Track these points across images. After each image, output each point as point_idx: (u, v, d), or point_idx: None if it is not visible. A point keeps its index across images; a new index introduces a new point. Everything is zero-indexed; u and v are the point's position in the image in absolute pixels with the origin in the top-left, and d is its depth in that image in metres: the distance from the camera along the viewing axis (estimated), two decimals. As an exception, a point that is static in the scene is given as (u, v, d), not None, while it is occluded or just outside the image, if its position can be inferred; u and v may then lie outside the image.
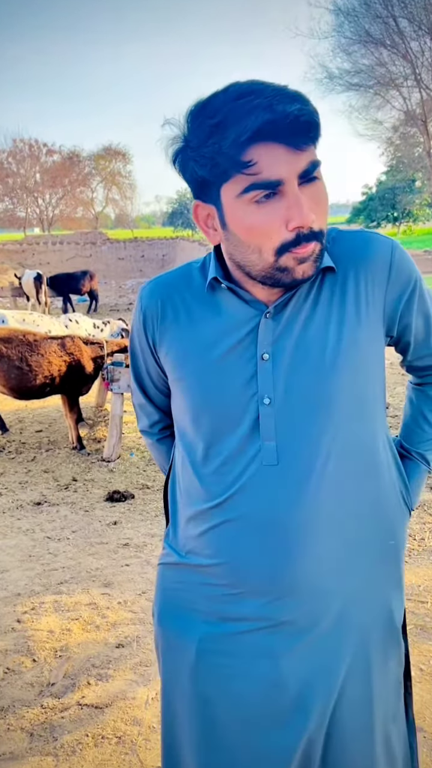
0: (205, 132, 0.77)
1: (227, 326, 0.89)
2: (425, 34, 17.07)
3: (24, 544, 3.32)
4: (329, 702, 0.90)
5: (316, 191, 0.80)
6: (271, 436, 0.86)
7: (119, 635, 2.39)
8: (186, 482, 0.97)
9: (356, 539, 0.90)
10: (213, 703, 0.93)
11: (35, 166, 32.87)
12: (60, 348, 4.69)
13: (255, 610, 0.90)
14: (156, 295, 0.96)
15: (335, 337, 0.86)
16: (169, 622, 0.99)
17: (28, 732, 1.87)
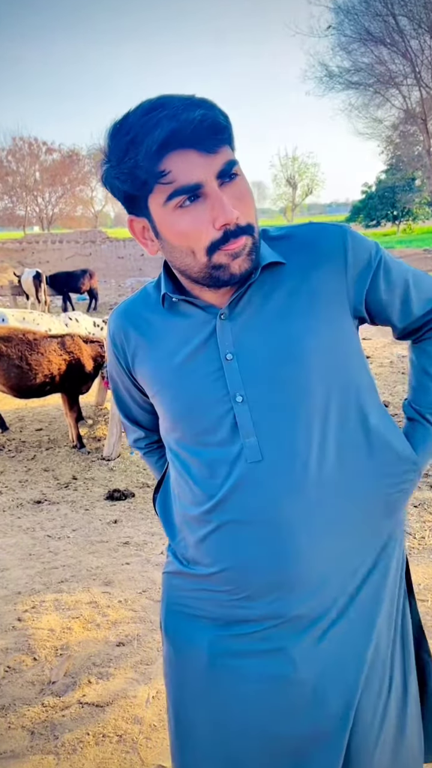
0: (121, 149, 0.80)
1: (186, 334, 0.91)
2: (425, 32, 17.04)
3: (24, 542, 3.32)
4: (350, 694, 0.90)
5: (237, 188, 0.82)
6: (250, 433, 0.87)
7: (120, 634, 2.39)
8: (178, 489, 0.98)
9: (353, 520, 0.91)
10: (229, 706, 0.93)
11: (35, 165, 32.84)
12: (60, 347, 4.69)
13: (261, 610, 0.90)
14: (119, 321, 1.00)
15: (294, 327, 0.87)
16: (177, 630, 0.99)
17: (29, 730, 1.87)
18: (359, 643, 0.92)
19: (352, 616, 0.91)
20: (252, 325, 0.88)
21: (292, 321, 0.87)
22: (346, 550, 0.91)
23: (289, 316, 0.87)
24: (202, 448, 0.91)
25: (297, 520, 0.87)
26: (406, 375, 7.03)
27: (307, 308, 0.88)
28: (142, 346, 0.96)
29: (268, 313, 0.88)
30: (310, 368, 0.87)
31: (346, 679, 0.90)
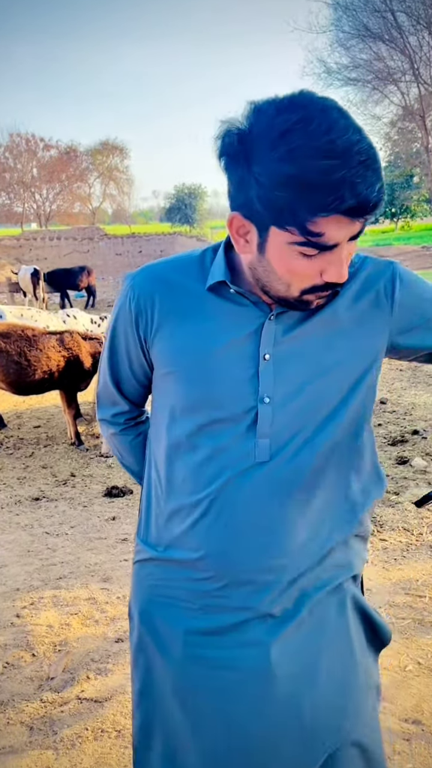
0: (278, 176, 0.74)
1: (230, 324, 0.90)
2: (423, 28, 17.01)
3: (22, 539, 3.32)
4: (320, 707, 0.92)
5: (354, 245, 0.83)
6: (266, 434, 0.89)
7: (118, 630, 2.40)
8: (168, 473, 0.96)
9: (331, 529, 0.94)
10: (202, 695, 0.93)
11: (32, 161, 32.70)
12: (58, 343, 4.68)
13: (239, 601, 0.91)
14: (149, 285, 0.93)
15: (334, 349, 0.90)
16: (152, 618, 0.98)
17: (28, 726, 1.88)
18: (337, 646, 0.94)
19: (319, 617, 0.94)
20: (297, 332, 0.89)
21: (334, 342, 0.90)
22: (322, 552, 0.94)
23: (333, 337, 0.90)
24: (213, 437, 0.90)
25: (286, 523, 0.90)
26: (404, 372, 7.01)
27: (354, 333, 0.90)
28: (171, 320, 0.92)
29: (314, 327, 0.90)
30: (338, 389, 0.90)
31: (320, 683, 0.92)
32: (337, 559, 0.95)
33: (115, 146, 34.18)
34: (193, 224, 24.50)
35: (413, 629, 2.26)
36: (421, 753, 1.71)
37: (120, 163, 34.61)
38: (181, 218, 24.74)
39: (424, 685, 1.98)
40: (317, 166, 0.72)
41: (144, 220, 68.48)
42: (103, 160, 34.28)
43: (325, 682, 0.92)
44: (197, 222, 24.77)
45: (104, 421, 1.11)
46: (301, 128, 0.73)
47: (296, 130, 0.73)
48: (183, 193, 25.25)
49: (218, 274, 0.89)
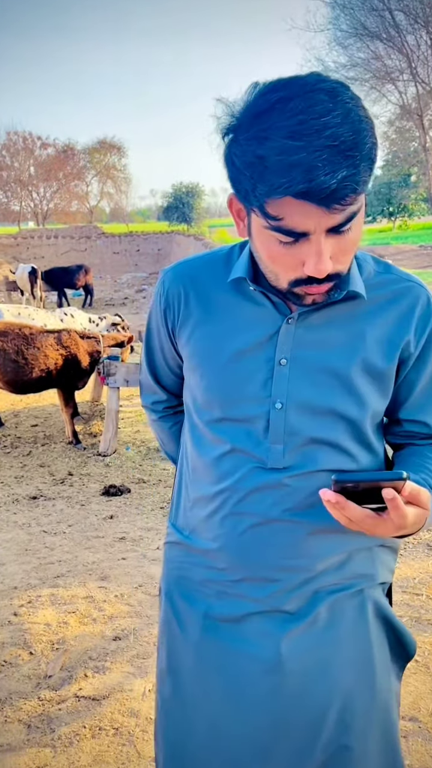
0: (248, 158, 0.72)
1: (249, 325, 0.89)
2: (421, 27, 17.01)
3: (20, 538, 3.32)
4: (331, 704, 0.90)
5: (345, 241, 0.77)
6: (279, 440, 0.87)
7: (116, 628, 2.40)
8: (194, 462, 0.98)
9: (349, 534, 0.90)
10: (213, 677, 0.94)
11: (29, 160, 32.60)
12: (56, 342, 4.68)
13: (253, 594, 0.92)
14: (179, 280, 0.95)
15: (356, 359, 0.87)
16: (175, 599, 1.01)
17: (26, 724, 1.88)
18: (346, 650, 0.92)
19: (339, 621, 0.92)
20: (316, 339, 0.87)
21: (353, 351, 0.87)
22: (343, 561, 0.92)
23: (352, 346, 0.87)
24: (230, 434, 0.91)
25: (299, 524, 0.88)
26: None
27: (376, 351, 0.88)
28: (195, 316, 0.93)
29: (336, 336, 0.87)
30: (355, 399, 0.87)
31: (331, 683, 0.91)
32: (359, 566, 0.93)
33: (112, 144, 34.10)
34: (190, 223, 24.47)
35: (410, 627, 2.27)
36: (418, 750, 1.72)
37: (117, 161, 34.55)
38: (179, 217, 24.71)
39: (421, 683, 1.98)
40: (279, 146, 0.69)
41: (142, 219, 68.43)
42: (101, 158, 34.20)
43: (337, 683, 0.91)
44: (195, 221, 24.74)
45: (146, 407, 1.16)
46: (278, 108, 0.70)
47: (273, 110, 0.71)
48: (181, 191, 25.21)
49: (239, 271, 0.89)
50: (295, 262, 0.78)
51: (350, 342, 0.87)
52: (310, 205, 0.71)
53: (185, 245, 18.13)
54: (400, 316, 0.89)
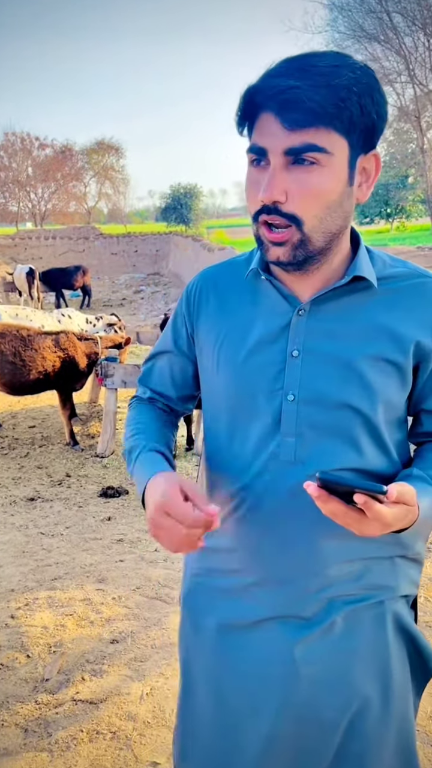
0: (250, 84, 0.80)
1: (261, 318, 0.90)
2: (419, 29, 17.05)
3: (17, 539, 3.31)
4: (347, 704, 0.89)
5: (307, 177, 0.77)
6: (290, 433, 0.87)
7: (113, 631, 2.39)
8: (211, 461, 0.98)
9: (368, 541, 0.88)
10: (229, 679, 0.94)
11: (27, 160, 32.56)
12: (54, 343, 4.67)
13: (267, 598, 0.91)
14: (201, 282, 0.99)
15: (368, 351, 0.85)
16: (192, 601, 1.01)
17: (23, 728, 1.87)
18: (363, 660, 0.90)
19: (356, 629, 0.90)
20: (328, 330, 0.86)
21: (367, 346, 0.85)
22: (361, 569, 0.90)
23: (366, 341, 0.86)
24: (240, 430, 0.91)
25: (314, 526, 0.86)
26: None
27: (389, 343, 0.86)
28: (213, 315, 0.95)
29: (347, 327, 0.86)
30: (369, 394, 0.85)
31: (347, 691, 0.89)
32: (378, 577, 0.91)
33: (110, 145, 34.09)
34: (188, 224, 24.47)
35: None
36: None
37: (115, 162, 34.54)
38: (177, 218, 24.71)
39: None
40: (269, 68, 0.78)
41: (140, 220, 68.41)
42: (99, 159, 34.19)
43: (352, 692, 0.90)
44: (193, 222, 24.75)
45: (139, 394, 1.12)
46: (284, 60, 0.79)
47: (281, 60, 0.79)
48: (179, 192, 25.22)
49: (254, 263, 0.91)
50: (256, 190, 0.80)
51: (362, 333, 0.86)
52: (271, 117, 0.77)
53: (183, 246, 18.13)
54: (415, 311, 0.87)
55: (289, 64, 0.77)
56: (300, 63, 0.76)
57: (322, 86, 0.74)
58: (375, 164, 0.83)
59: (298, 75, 0.75)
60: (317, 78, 0.74)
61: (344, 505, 0.74)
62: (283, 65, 0.77)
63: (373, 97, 0.77)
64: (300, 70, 0.75)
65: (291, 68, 0.76)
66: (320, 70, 0.75)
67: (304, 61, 0.76)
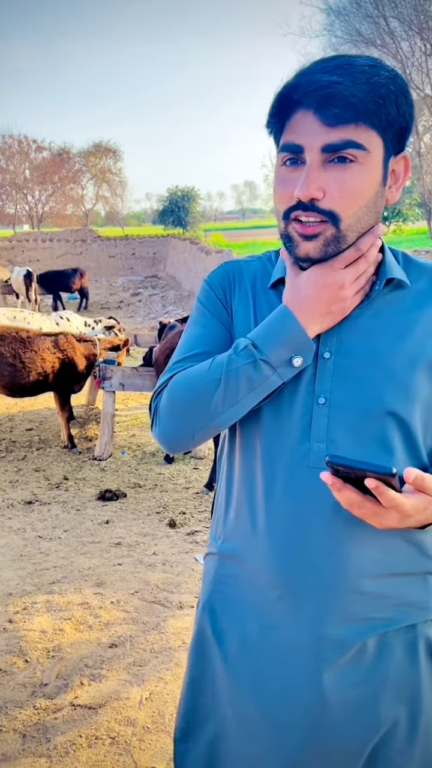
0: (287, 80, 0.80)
1: None
2: (415, 34, 17.14)
3: (15, 543, 3.29)
4: (373, 732, 0.86)
5: (344, 175, 0.77)
6: (321, 438, 0.83)
7: (112, 635, 2.38)
8: (236, 468, 0.94)
9: (399, 556, 0.85)
10: (251, 698, 0.90)
11: (24, 163, 32.56)
12: (53, 345, 4.66)
13: (294, 615, 0.86)
14: (227, 272, 0.96)
15: (404, 352, 0.83)
16: (214, 610, 0.97)
17: (21, 733, 1.86)
18: (401, 691, 0.86)
19: (388, 652, 0.86)
20: (362, 331, 0.84)
21: (399, 345, 0.83)
22: (387, 580, 0.85)
23: (398, 340, 0.83)
24: (269, 434, 0.87)
25: (341, 537, 0.83)
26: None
27: (420, 342, 0.83)
28: (240, 315, 0.92)
29: (381, 328, 0.84)
30: (402, 400, 0.82)
31: (374, 720, 0.85)
32: (409, 594, 0.86)
33: (108, 148, 34.10)
34: (186, 227, 24.49)
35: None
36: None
37: (113, 164, 34.55)
38: (175, 221, 24.72)
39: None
40: (298, 72, 0.78)
41: (137, 222, 68.42)
42: (96, 161, 34.20)
43: (380, 721, 0.85)
44: (191, 224, 24.78)
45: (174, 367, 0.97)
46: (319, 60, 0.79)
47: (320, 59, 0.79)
48: (176, 195, 25.24)
49: (279, 272, 0.90)
50: (291, 190, 0.79)
51: (396, 332, 0.84)
52: (309, 114, 0.76)
53: (181, 249, 18.13)
54: None
55: (326, 63, 0.77)
56: (337, 62, 0.76)
57: (363, 83, 0.74)
58: (405, 166, 0.83)
59: (339, 72, 0.75)
60: (358, 75, 0.75)
61: (359, 494, 0.71)
62: (319, 64, 0.77)
63: (407, 98, 0.78)
64: (339, 67, 0.75)
65: (329, 66, 0.76)
66: (359, 68, 0.75)
67: (340, 60, 0.76)
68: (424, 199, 15.12)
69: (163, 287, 17.54)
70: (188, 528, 3.48)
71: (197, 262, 15.06)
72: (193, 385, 0.86)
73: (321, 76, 0.75)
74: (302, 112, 0.77)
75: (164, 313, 13.08)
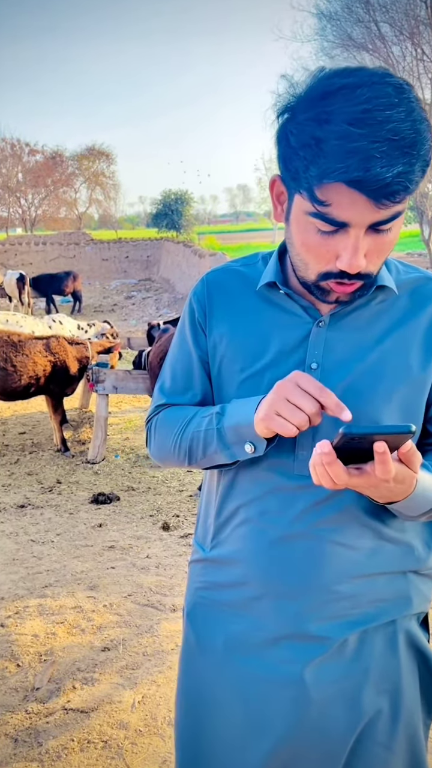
0: (305, 138, 0.72)
1: (278, 330, 0.87)
2: (406, 38, 17.28)
3: (7, 547, 3.28)
4: (356, 724, 0.87)
5: (383, 242, 0.76)
6: (306, 447, 0.84)
7: (105, 638, 2.38)
8: (221, 474, 0.95)
9: (373, 549, 0.87)
10: (236, 700, 0.91)
11: (17, 166, 32.51)
12: (45, 348, 4.65)
13: (276, 614, 0.88)
14: (206, 288, 0.95)
15: (388, 361, 0.84)
16: (197, 616, 0.98)
17: (13, 738, 1.85)
18: (374, 681, 0.88)
19: (368, 650, 0.88)
20: (349, 341, 0.84)
21: (387, 356, 0.84)
22: (368, 579, 0.87)
23: (386, 351, 0.84)
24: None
25: (323, 541, 0.84)
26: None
27: (415, 355, 0.84)
28: (223, 322, 0.92)
29: (368, 338, 0.84)
30: (390, 411, 0.83)
31: (356, 715, 0.87)
32: (391, 593, 0.88)
33: (101, 151, 34.10)
34: (180, 230, 24.51)
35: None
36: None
37: (106, 168, 34.55)
38: (168, 224, 24.74)
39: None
40: (340, 131, 0.69)
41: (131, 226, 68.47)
42: (89, 165, 34.19)
43: (361, 715, 0.87)
44: (184, 228, 24.80)
45: (154, 408, 1.03)
46: (344, 93, 0.70)
47: (339, 95, 0.70)
48: (170, 198, 25.27)
49: (269, 276, 0.89)
50: (330, 254, 0.77)
51: (385, 344, 0.84)
52: (360, 195, 0.71)
53: (174, 252, 18.14)
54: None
55: (370, 131, 0.68)
56: (382, 131, 0.68)
57: (418, 163, 0.70)
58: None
59: (406, 159, 0.69)
60: (411, 153, 0.69)
61: (345, 471, 0.72)
62: (375, 135, 0.68)
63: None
64: (406, 149, 0.69)
65: (387, 144, 0.68)
66: (408, 139, 0.69)
67: (386, 128, 0.68)
68: (417, 203, 15.22)
69: (157, 290, 17.54)
70: (182, 531, 3.47)
71: (191, 265, 15.07)
72: (165, 442, 0.96)
73: (383, 172, 0.68)
74: (349, 190, 0.71)
75: (158, 316, 13.08)
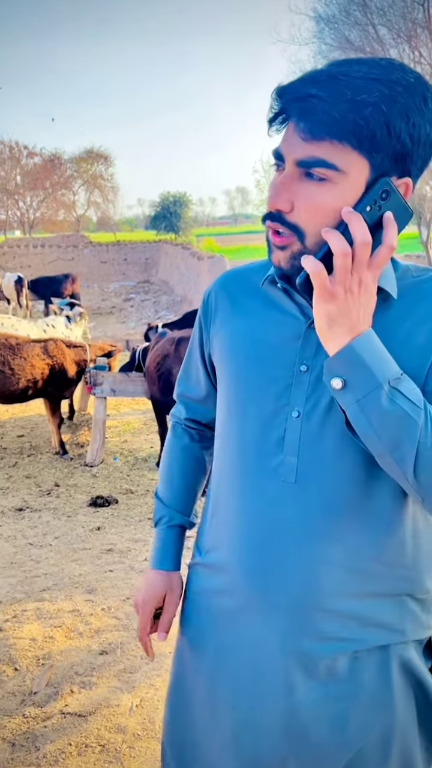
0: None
1: (272, 327, 0.87)
2: (404, 41, 17.31)
3: (5, 550, 3.28)
4: (343, 751, 0.85)
5: (313, 190, 0.74)
6: (293, 452, 0.82)
7: (103, 642, 2.37)
8: (215, 477, 0.96)
9: (362, 567, 0.84)
10: (224, 714, 0.91)
11: (16, 169, 32.53)
12: (43, 351, 4.65)
13: (265, 627, 0.86)
14: (215, 289, 0.97)
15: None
16: (190, 622, 0.98)
17: (10, 742, 1.84)
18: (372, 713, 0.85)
19: (359, 676, 0.85)
20: None
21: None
22: (359, 600, 0.84)
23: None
24: (245, 443, 0.87)
25: (310, 550, 0.82)
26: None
27: (402, 355, 0.78)
28: (224, 319, 0.93)
29: None
30: None
31: (346, 737, 0.85)
32: (384, 616, 0.84)
33: (99, 154, 34.13)
34: (178, 232, 24.52)
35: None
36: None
37: (105, 170, 34.57)
38: (167, 226, 24.75)
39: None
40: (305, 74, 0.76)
41: (129, 228, 68.43)
42: (88, 167, 34.21)
43: (351, 739, 0.84)
44: (183, 230, 24.82)
45: (173, 412, 1.14)
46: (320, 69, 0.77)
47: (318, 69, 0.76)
48: (168, 201, 25.29)
49: (272, 269, 0.87)
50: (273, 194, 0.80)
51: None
52: (292, 126, 0.75)
53: (173, 254, 18.15)
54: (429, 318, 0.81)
55: (325, 70, 0.73)
56: (337, 70, 0.72)
57: (344, 100, 0.69)
58: (404, 191, 0.76)
59: (323, 84, 0.71)
60: (343, 90, 0.70)
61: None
62: (318, 71, 0.74)
63: (410, 119, 0.71)
64: (330, 77, 0.71)
65: (322, 75, 0.72)
66: (350, 82, 0.70)
67: (342, 69, 0.72)
68: (415, 205, 15.25)
69: (156, 292, 17.54)
70: (180, 533, 3.48)
71: (189, 267, 15.08)
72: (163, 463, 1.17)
73: (304, 87, 0.72)
74: (291, 121, 0.75)
75: (156, 318, 13.08)
